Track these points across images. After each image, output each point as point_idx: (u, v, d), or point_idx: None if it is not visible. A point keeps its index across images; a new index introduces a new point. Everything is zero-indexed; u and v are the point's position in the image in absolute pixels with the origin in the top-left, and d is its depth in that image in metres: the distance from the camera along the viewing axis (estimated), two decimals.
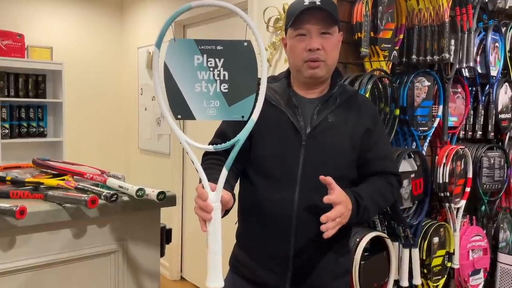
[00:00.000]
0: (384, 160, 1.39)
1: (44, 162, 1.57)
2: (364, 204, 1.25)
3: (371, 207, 1.28)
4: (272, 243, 1.31)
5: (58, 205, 1.24)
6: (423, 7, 2.05)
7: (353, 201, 1.22)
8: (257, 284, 1.34)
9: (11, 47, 3.45)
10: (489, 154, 2.36)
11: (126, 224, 1.40)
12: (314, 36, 1.26)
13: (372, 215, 1.34)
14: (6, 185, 1.41)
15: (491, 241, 2.45)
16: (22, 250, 1.22)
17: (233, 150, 1.03)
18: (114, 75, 4.17)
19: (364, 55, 1.95)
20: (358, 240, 1.74)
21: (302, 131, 1.30)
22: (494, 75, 2.43)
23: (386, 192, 1.36)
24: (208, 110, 1.03)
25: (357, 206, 1.23)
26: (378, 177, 1.37)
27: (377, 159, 1.37)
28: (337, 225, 1.15)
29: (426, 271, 2.08)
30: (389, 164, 1.41)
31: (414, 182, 1.99)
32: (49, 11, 3.84)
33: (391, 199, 1.40)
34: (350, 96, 1.37)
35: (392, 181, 1.39)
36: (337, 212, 1.14)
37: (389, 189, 1.37)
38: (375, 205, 1.31)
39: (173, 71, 1.01)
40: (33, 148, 3.63)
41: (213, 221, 1.03)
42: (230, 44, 1.03)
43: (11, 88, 3.47)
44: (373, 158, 1.37)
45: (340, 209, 1.15)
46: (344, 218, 1.18)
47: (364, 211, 1.25)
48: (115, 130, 4.18)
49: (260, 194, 1.31)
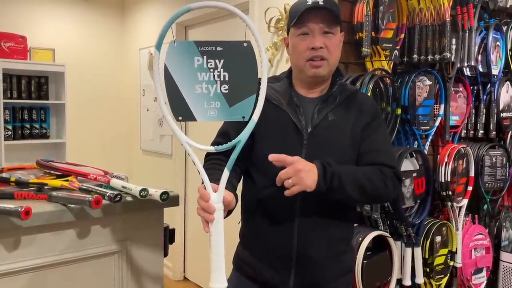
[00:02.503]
0: (378, 152, 1.33)
1: (48, 163, 1.58)
2: (332, 170, 1.20)
3: (345, 177, 1.21)
4: (275, 242, 1.32)
5: (62, 205, 1.25)
6: (424, 7, 2.06)
7: (318, 164, 1.19)
8: (261, 283, 1.35)
9: (14, 49, 3.46)
10: (491, 153, 2.36)
11: (130, 224, 1.40)
12: (317, 35, 1.27)
13: (349, 189, 1.22)
14: (10, 186, 1.41)
15: (493, 240, 2.45)
16: (27, 251, 1.22)
17: (234, 151, 1.03)
18: (116, 76, 4.18)
19: (365, 55, 1.95)
20: (360, 239, 1.74)
21: (304, 130, 1.30)
22: (495, 74, 2.43)
23: (373, 176, 1.27)
24: (208, 111, 1.03)
25: (323, 169, 1.19)
26: (369, 166, 1.31)
27: (371, 151, 1.33)
28: (296, 186, 1.14)
29: (429, 270, 2.08)
30: (383, 156, 1.33)
31: (416, 181, 1.99)
32: (51, 13, 3.85)
33: (382, 187, 1.28)
34: (350, 95, 1.37)
35: (383, 170, 1.29)
36: (286, 171, 1.14)
37: (378, 174, 1.28)
38: (353, 180, 1.23)
39: (174, 72, 1.02)
40: (36, 149, 3.64)
41: (216, 221, 1.04)
42: (230, 45, 1.03)
43: (14, 90, 3.48)
44: (367, 150, 1.33)
45: (290, 169, 1.14)
46: (301, 179, 1.14)
47: (332, 176, 1.19)
48: (117, 131, 4.19)
49: (262, 193, 1.32)
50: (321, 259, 1.32)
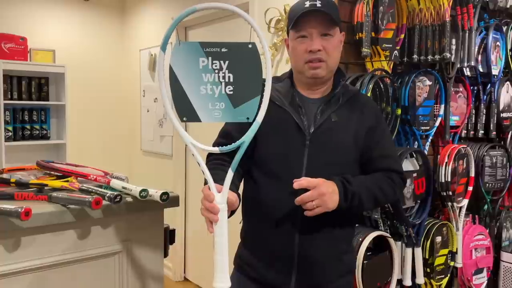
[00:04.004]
0: (387, 158, 1.39)
1: (48, 164, 1.58)
2: (353, 190, 1.24)
3: (363, 194, 1.27)
4: (276, 242, 1.32)
5: (62, 206, 1.25)
6: (424, 7, 2.06)
7: (339, 184, 1.23)
8: (262, 283, 1.35)
9: (14, 50, 3.47)
10: (491, 153, 2.36)
11: (130, 225, 1.40)
12: (315, 38, 1.28)
13: (366, 204, 1.30)
14: (10, 187, 1.42)
15: (494, 240, 2.44)
16: (27, 251, 1.22)
17: (238, 152, 1.04)
18: (116, 77, 4.19)
19: (365, 55, 1.95)
20: (361, 239, 1.74)
21: (306, 130, 1.31)
22: (495, 74, 2.43)
23: (384, 185, 1.34)
24: (213, 112, 1.03)
25: (344, 190, 1.23)
26: (379, 173, 1.37)
27: (380, 157, 1.37)
28: (318, 208, 1.19)
29: (429, 270, 2.08)
30: (392, 162, 1.40)
31: (416, 182, 1.99)
32: (52, 14, 3.85)
33: (391, 194, 1.37)
34: (352, 96, 1.38)
35: (393, 177, 1.37)
36: (310, 194, 1.18)
37: (389, 183, 1.35)
38: (369, 194, 1.29)
39: (179, 73, 1.02)
40: (36, 150, 3.64)
41: (220, 222, 1.04)
42: (235, 46, 1.03)
43: (14, 91, 3.48)
44: (376, 156, 1.37)
45: (314, 192, 1.18)
46: (324, 202, 1.19)
47: (353, 196, 1.24)
48: (117, 132, 4.19)
49: (264, 193, 1.32)
50: (322, 259, 1.32)
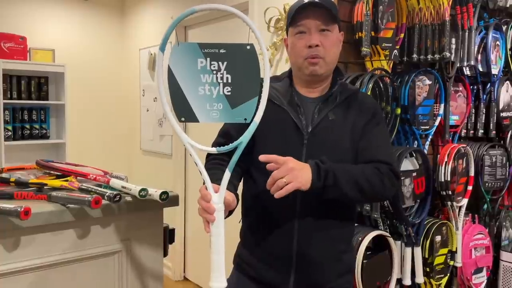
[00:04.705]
0: (375, 149, 1.33)
1: (48, 164, 1.58)
2: (326, 167, 1.19)
3: (339, 173, 1.21)
4: (275, 241, 1.32)
5: (61, 205, 1.25)
6: (423, 6, 2.06)
7: (311, 163, 1.20)
8: (261, 282, 1.35)
9: (14, 49, 3.46)
10: (490, 152, 2.37)
11: (129, 224, 1.40)
12: (313, 33, 1.28)
13: (346, 187, 1.22)
14: (10, 186, 1.42)
15: (493, 240, 2.45)
16: (27, 251, 1.22)
17: (236, 153, 1.04)
18: (115, 77, 4.18)
19: (365, 55, 1.95)
20: (360, 239, 1.74)
21: (304, 130, 1.31)
22: (495, 74, 2.43)
23: (369, 173, 1.26)
24: (211, 113, 1.04)
25: (316, 167, 1.19)
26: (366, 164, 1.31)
27: (368, 148, 1.32)
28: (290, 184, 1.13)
29: (429, 269, 2.08)
30: (380, 153, 1.33)
31: (416, 181, 1.99)
32: (51, 13, 3.85)
33: (379, 185, 1.27)
34: (350, 94, 1.38)
35: (380, 167, 1.29)
36: (279, 171, 1.13)
37: (375, 172, 1.27)
38: (349, 178, 1.22)
39: (177, 74, 1.03)
40: (36, 150, 3.64)
41: (216, 222, 1.04)
42: (233, 47, 1.04)
43: (14, 91, 3.48)
44: (364, 147, 1.33)
45: (283, 168, 1.14)
46: (295, 176, 1.14)
47: (327, 174, 1.19)
48: (117, 131, 4.19)
49: (263, 193, 1.31)
50: (321, 259, 1.32)
